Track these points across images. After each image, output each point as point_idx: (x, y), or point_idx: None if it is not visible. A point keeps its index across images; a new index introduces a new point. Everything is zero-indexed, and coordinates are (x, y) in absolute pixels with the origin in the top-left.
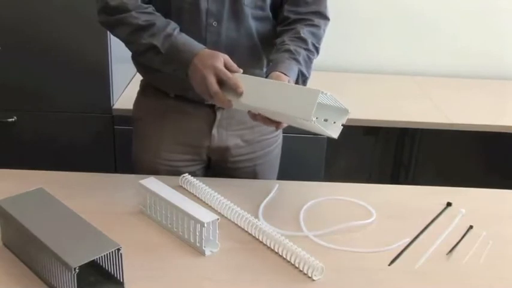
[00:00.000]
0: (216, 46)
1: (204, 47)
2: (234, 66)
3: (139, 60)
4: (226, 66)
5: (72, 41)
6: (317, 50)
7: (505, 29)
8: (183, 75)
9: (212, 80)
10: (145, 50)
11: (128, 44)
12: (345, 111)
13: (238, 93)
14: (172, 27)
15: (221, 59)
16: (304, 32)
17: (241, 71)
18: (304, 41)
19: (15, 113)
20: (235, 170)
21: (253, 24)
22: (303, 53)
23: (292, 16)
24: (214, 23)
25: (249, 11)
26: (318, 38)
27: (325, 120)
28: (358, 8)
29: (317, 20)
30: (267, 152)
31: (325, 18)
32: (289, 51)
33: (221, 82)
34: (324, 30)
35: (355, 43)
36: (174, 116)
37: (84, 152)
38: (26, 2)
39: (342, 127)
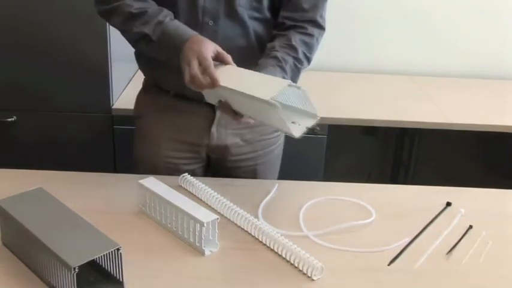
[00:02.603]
0: None
1: (196, 33)
2: (227, 57)
3: (137, 49)
4: (218, 57)
5: (72, 41)
6: (308, 59)
7: (505, 29)
8: (177, 63)
9: (194, 63)
10: (139, 38)
11: (123, 32)
12: (314, 115)
13: (214, 86)
14: (165, 14)
15: (209, 48)
16: (296, 40)
17: (233, 64)
18: (294, 49)
19: (15, 113)
20: (235, 169)
21: (250, 25)
22: (291, 61)
23: (288, 22)
24: (211, 22)
25: (244, 11)
26: (310, 47)
27: (293, 122)
28: (358, 7)
29: (311, 29)
30: (267, 152)
31: (320, 27)
32: (276, 58)
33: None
34: (318, 40)
35: (355, 43)
36: (174, 114)
37: (84, 151)
38: (26, 2)
39: (305, 129)
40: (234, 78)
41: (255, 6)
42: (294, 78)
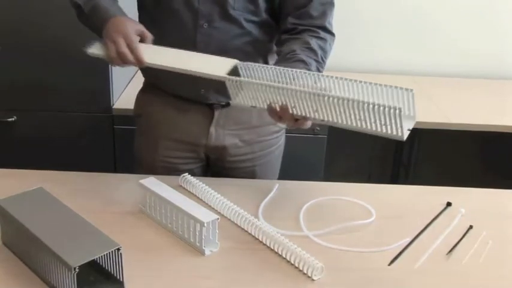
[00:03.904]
0: (207, 48)
1: (123, 14)
2: (148, 36)
3: (79, 19)
4: (141, 36)
5: (72, 41)
6: (324, 64)
7: (505, 29)
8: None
9: (121, 42)
10: (75, 8)
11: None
12: (413, 117)
13: (140, 65)
14: None
15: (134, 27)
16: (314, 43)
17: (150, 43)
18: (314, 52)
19: (15, 113)
20: (234, 170)
21: (247, 27)
22: (314, 64)
23: (299, 27)
24: (205, 25)
25: (240, 15)
26: (325, 52)
27: (385, 124)
28: (358, 8)
29: (323, 34)
30: (267, 153)
31: (331, 33)
32: (302, 61)
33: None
34: (331, 46)
35: (355, 43)
36: (173, 113)
37: (84, 151)
38: (26, 2)
39: (408, 131)
40: (179, 57)
41: (251, 9)
42: None
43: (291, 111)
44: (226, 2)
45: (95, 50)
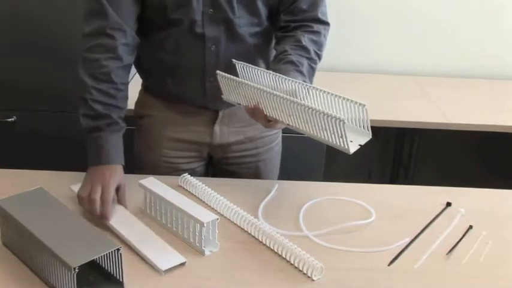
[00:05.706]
0: (215, 66)
1: (117, 162)
2: (123, 200)
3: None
4: (118, 191)
5: (73, 41)
6: (319, 57)
7: (504, 29)
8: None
9: (97, 189)
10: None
11: (80, 81)
12: (367, 134)
13: (103, 220)
14: (108, 122)
15: (116, 182)
16: (306, 40)
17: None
18: (305, 49)
19: (15, 113)
20: (237, 166)
21: (250, 41)
22: (306, 63)
23: (292, 24)
24: (213, 47)
25: (245, 31)
26: (319, 45)
27: (340, 137)
28: (358, 8)
29: (316, 26)
30: (268, 149)
31: (324, 23)
32: (292, 62)
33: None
34: (325, 36)
35: (355, 43)
36: (176, 113)
37: (84, 151)
38: (26, 1)
39: (358, 146)
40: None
41: (255, 22)
42: (310, 78)
43: (265, 112)
44: (233, 22)
45: (76, 187)
